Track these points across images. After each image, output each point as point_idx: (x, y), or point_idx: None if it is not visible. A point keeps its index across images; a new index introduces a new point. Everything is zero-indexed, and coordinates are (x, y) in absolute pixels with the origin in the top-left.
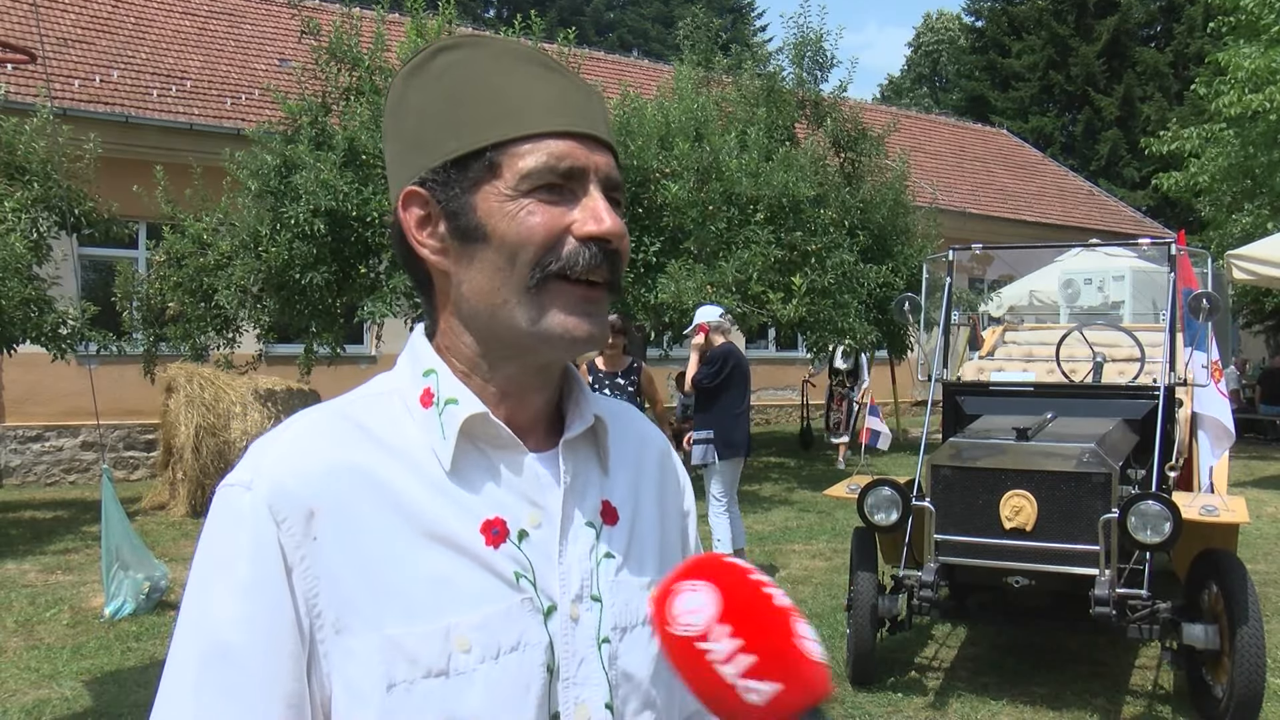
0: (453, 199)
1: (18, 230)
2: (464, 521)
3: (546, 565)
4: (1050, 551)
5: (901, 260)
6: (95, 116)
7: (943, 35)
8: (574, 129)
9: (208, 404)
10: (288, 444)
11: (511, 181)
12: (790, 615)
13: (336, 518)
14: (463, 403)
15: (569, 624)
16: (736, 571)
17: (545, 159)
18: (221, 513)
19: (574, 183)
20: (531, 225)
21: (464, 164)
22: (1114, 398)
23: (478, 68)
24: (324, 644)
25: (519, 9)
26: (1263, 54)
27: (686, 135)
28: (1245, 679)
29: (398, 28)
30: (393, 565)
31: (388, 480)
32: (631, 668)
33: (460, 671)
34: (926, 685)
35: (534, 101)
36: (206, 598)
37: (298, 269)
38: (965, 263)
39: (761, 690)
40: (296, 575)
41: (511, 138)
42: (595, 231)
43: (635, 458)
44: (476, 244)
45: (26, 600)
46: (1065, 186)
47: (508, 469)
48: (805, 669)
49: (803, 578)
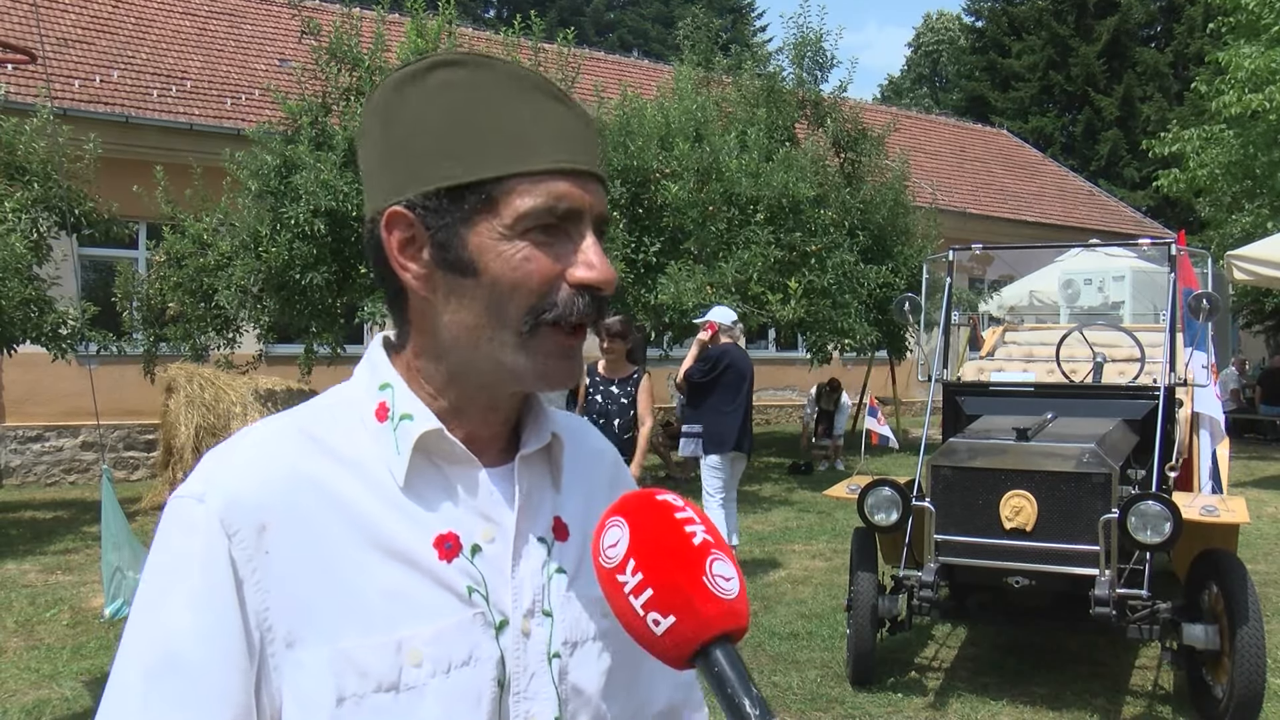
0: (443, 229)
1: (18, 230)
2: (417, 536)
3: (499, 580)
4: (1050, 552)
5: (901, 260)
6: (95, 117)
7: (943, 35)
8: (575, 166)
9: (208, 404)
10: (241, 456)
11: (508, 220)
12: (704, 554)
13: (289, 530)
14: (418, 419)
15: (520, 639)
16: (659, 509)
17: (544, 199)
18: (174, 523)
19: (569, 224)
20: (528, 271)
21: (459, 194)
22: (1114, 398)
23: (481, 92)
24: (274, 657)
25: (519, 9)
26: (1263, 54)
27: (686, 135)
28: (1245, 679)
29: (398, 28)
30: (345, 578)
31: (341, 493)
32: (582, 682)
33: (411, 685)
34: (926, 685)
35: (537, 135)
36: (156, 609)
37: (298, 269)
38: (965, 263)
39: (661, 622)
40: (248, 588)
41: (514, 173)
42: (591, 279)
43: (587, 473)
44: (465, 278)
45: (26, 600)
46: (1065, 187)
47: (462, 484)
48: (702, 605)
49: (803, 578)
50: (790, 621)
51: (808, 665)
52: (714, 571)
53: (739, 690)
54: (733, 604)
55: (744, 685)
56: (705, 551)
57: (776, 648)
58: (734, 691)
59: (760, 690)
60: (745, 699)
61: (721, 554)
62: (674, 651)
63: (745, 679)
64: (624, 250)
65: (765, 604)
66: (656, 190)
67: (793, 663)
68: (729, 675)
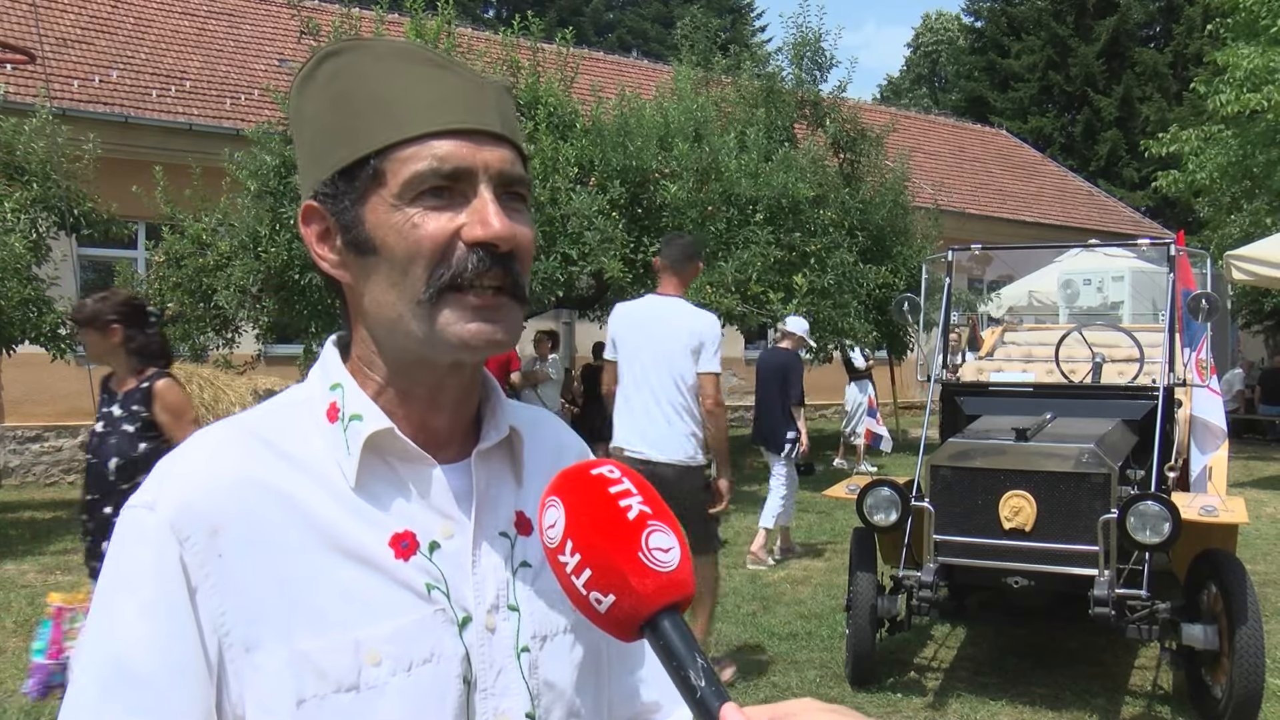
0: (343, 211)
1: (17, 230)
2: (372, 535)
3: (460, 576)
4: (1049, 552)
5: (901, 261)
6: (94, 117)
7: (942, 35)
8: (459, 125)
9: (207, 404)
10: (190, 462)
11: (395, 189)
12: (639, 528)
13: (241, 532)
14: (367, 419)
15: (485, 634)
16: (592, 485)
17: (428, 163)
18: (125, 534)
19: (462, 184)
20: (418, 238)
21: (350, 174)
22: (1113, 398)
23: (361, 71)
24: (234, 663)
25: (518, 9)
26: (1261, 54)
27: (686, 136)
28: (1244, 679)
29: (397, 28)
30: (301, 579)
31: (293, 494)
32: (554, 676)
33: (371, 685)
34: (926, 685)
35: (416, 102)
36: (109, 619)
37: (297, 269)
38: (964, 263)
39: (603, 601)
40: (201, 594)
41: (394, 142)
42: (482, 236)
43: (550, 467)
44: (369, 256)
45: (25, 600)
46: (1064, 187)
47: (416, 482)
48: (639, 582)
49: (802, 578)
50: (789, 621)
51: (807, 665)
52: (650, 545)
53: (685, 661)
54: (671, 575)
55: (690, 655)
56: (641, 525)
57: (776, 648)
58: (680, 663)
59: (709, 660)
60: (690, 670)
61: (660, 524)
62: (619, 628)
63: (692, 649)
64: (623, 250)
65: (765, 604)
66: (656, 190)
67: (792, 663)
68: (675, 646)
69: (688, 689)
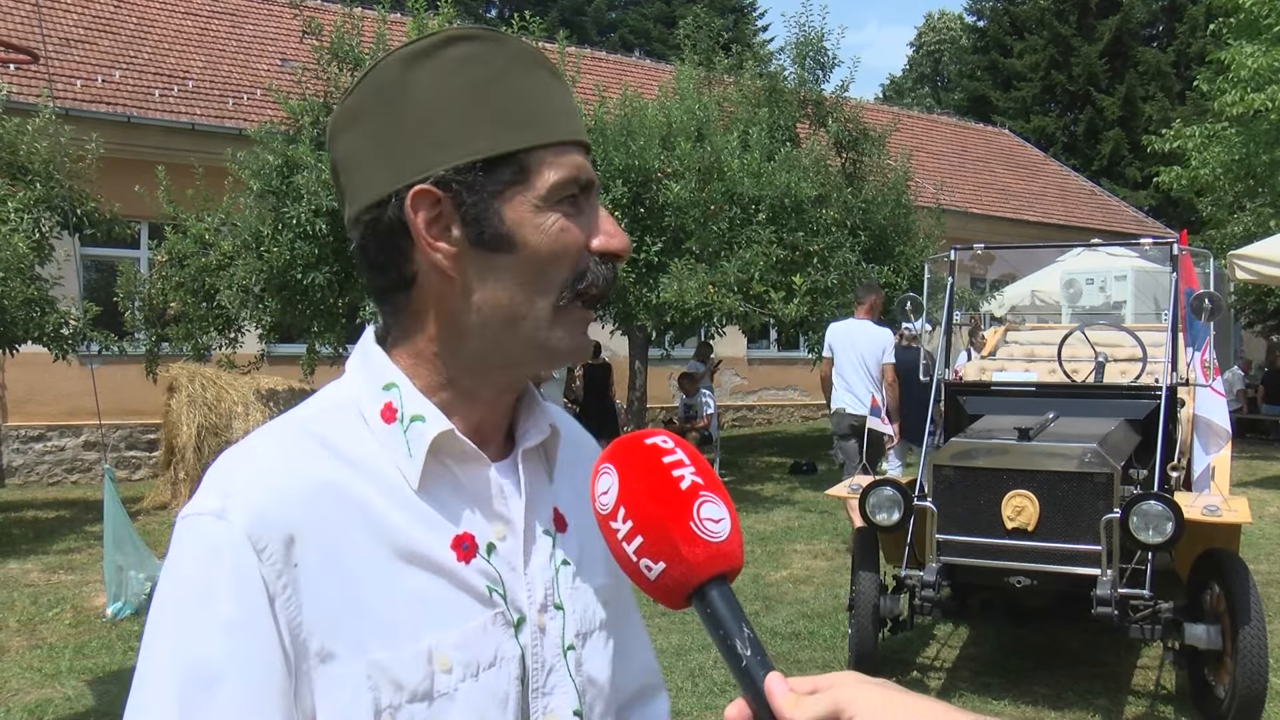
0: (476, 203)
1: (20, 230)
2: (436, 538)
3: (513, 577)
4: (1052, 551)
5: (903, 260)
6: (97, 117)
7: (944, 35)
8: (582, 139)
9: (210, 404)
10: (254, 465)
11: (541, 191)
12: (692, 497)
13: (316, 540)
14: (430, 420)
15: (538, 634)
16: (646, 454)
17: (571, 170)
18: (192, 545)
19: (584, 195)
20: (566, 243)
21: (493, 167)
22: (1116, 398)
23: (499, 65)
24: (309, 674)
25: (519, 8)
26: (1264, 53)
27: (688, 135)
28: (1248, 679)
29: (399, 28)
30: (373, 586)
31: (359, 498)
32: (595, 672)
33: (443, 692)
34: (928, 685)
35: (552, 108)
36: (185, 634)
37: (300, 269)
38: (967, 263)
39: (653, 568)
40: (279, 604)
41: (545, 144)
42: (614, 247)
43: (573, 463)
44: (500, 254)
45: (29, 600)
46: (1067, 186)
47: (473, 483)
48: (689, 550)
49: (804, 577)
50: (792, 621)
51: (809, 665)
52: (701, 515)
53: (732, 630)
54: (721, 546)
55: (737, 625)
56: (693, 495)
57: (778, 647)
58: (726, 632)
59: (754, 631)
60: (737, 639)
61: (712, 495)
62: (667, 595)
63: (739, 619)
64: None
65: (767, 604)
66: (658, 190)
67: (794, 662)
68: (722, 616)
69: (734, 658)
